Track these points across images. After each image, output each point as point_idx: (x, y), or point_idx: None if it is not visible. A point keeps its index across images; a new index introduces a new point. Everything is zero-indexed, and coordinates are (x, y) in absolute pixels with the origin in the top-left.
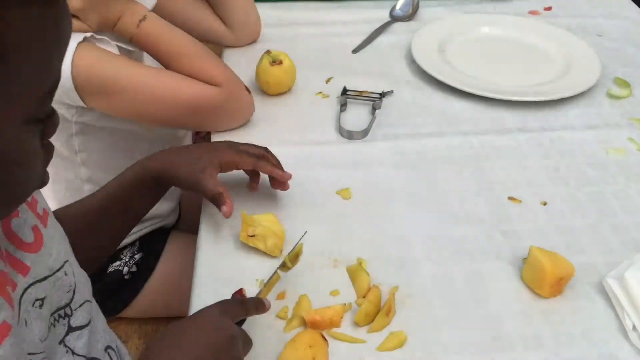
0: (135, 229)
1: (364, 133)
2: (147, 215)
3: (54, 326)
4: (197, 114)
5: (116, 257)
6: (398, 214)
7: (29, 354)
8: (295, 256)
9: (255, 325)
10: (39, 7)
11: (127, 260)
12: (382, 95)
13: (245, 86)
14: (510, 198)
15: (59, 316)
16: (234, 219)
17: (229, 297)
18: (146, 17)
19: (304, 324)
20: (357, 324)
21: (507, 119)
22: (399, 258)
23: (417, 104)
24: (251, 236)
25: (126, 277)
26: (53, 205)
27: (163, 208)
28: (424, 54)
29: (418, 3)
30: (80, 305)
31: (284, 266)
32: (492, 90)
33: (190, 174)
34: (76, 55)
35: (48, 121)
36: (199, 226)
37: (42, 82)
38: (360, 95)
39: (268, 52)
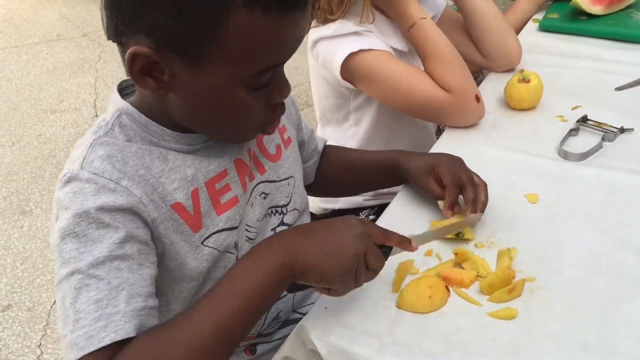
0: (377, 200)
1: (581, 157)
2: (390, 190)
3: (269, 216)
4: (427, 109)
5: (356, 213)
6: (570, 226)
7: (247, 225)
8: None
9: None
10: (263, 11)
11: (362, 217)
12: (621, 130)
13: (477, 95)
14: None
15: (276, 211)
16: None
17: None
18: (415, 24)
19: (438, 277)
20: (481, 291)
21: None
22: (550, 258)
23: None
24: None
25: None
26: None
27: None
28: None
29: None
30: (292, 210)
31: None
32: None
33: (418, 175)
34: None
35: (268, 89)
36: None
37: (255, 62)
38: (598, 126)
39: (522, 70)
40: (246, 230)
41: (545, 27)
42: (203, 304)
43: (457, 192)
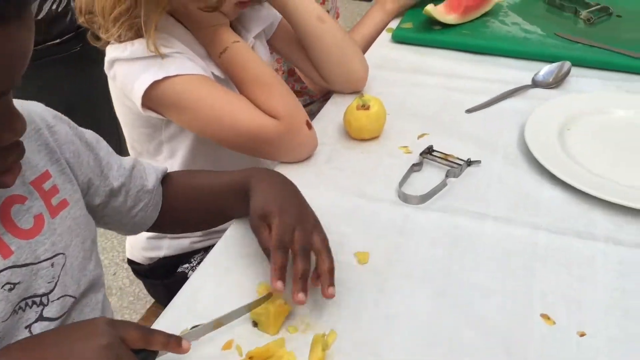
0: (207, 241)
1: (422, 199)
2: (224, 227)
3: (23, 310)
4: (254, 141)
5: (187, 259)
6: (405, 293)
7: None
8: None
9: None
10: None
11: (194, 265)
12: (468, 163)
13: (308, 121)
14: (543, 315)
15: (33, 303)
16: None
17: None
18: (227, 49)
19: None
20: None
21: (599, 223)
22: (377, 340)
23: (502, 182)
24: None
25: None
26: None
27: None
28: (539, 130)
29: (568, 71)
30: (58, 298)
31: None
32: (595, 186)
33: (253, 217)
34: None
35: None
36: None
37: None
38: (444, 158)
39: (361, 95)
40: None
41: (397, 38)
42: None
43: (283, 260)
